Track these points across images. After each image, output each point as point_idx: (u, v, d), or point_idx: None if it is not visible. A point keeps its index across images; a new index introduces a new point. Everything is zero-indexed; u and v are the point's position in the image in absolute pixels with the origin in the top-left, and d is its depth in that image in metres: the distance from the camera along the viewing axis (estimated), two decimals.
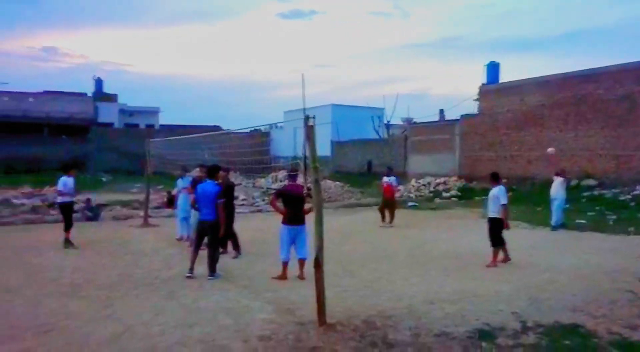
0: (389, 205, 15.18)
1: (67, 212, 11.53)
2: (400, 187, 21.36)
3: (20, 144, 38.37)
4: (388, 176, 15.64)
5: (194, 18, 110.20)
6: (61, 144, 41.25)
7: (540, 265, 9.40)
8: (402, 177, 27.55)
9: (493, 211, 9.54)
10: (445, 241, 12.27)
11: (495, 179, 9.81)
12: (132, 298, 7.22)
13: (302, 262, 8.29)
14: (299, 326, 5.94)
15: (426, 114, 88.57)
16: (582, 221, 15.19)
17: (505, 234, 9.56)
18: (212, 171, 8.80)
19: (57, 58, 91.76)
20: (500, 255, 9.52)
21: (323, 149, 33.03)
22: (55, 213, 17.16)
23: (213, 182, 8.60)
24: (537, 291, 7.53)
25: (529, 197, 19.71)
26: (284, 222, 8.37)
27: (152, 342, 5.43)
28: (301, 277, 8.20)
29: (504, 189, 9.68)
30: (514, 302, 6.95)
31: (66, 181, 11.44)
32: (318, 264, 5.98)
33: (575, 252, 10.72)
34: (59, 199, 11.76)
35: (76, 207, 17.75)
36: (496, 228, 9.44)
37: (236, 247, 10.22)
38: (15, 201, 18.48)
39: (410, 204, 21.30)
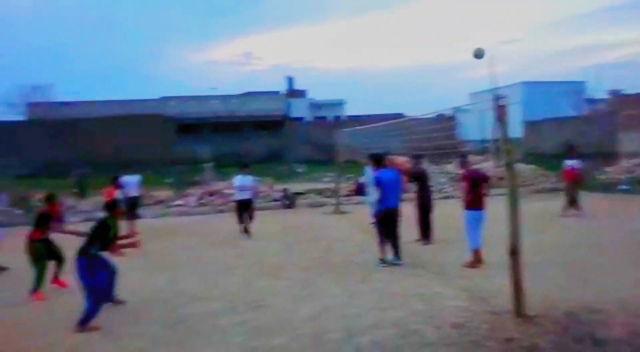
0: (571, 191, 13.11)
1: (241, 208, 12.03)
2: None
3: (227, 141, 43.29)
4: (570, 158, 13.58)
5: (373, 8, 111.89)
6: (261, 138, 45.52)
7: None
8: (610, 158, 24.45)
9: None
10: None
11: None
12: (329, 280, 7.66)
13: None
14: (493, 316, 5.68)
15: (637, 84, 77.01)
16: None
17: None
18: (377, 160, 8.72)
19: (253, 61, 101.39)
20: None
21: (514, 130, 30.93)
22: (258, 202, 19.04)
23: (393, 170, 8.58)
24: None
25: None
26: (474, 207, 8.05)
27: (349, 323, 5.70)
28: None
29: None
30: None
31: (243, 179, 11.97)
32: (514, 251, 5.64)
33: None
34: (239, 196, 12.09)
35: (275, 195, 19.53)
36: None
37: (427, 235, 10.14)
38: (225, 191, 20.88)
39: (622, 187, 18.83)
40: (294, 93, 55.48)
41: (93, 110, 43.53)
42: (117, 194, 10.95)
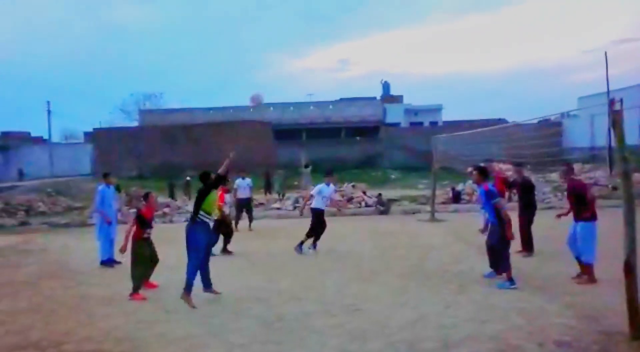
0: None
1: (315, 218, 10.99)
2: None
3: (323, 147, 44.01)
4: None
5: (473, 10, 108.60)
6: (356, 144, 45.81)
7: None
8: None
9: None
10: None
11: None
12: (425, 289, 7.55)
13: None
14: (604, 336, 5.30)
15: None
16: None
17: None
18: (483, 172, 8.02)
19: (349, 67, 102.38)
20: None
21: (631, 137, 28.62)
22: (352, 207, 19.20)
23: (485, 183, 7.84)
24: None
25: None
26: (594, 218, 7.58)
27: (445, 333, 5.58)
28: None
29: None
30: None
31: (322, 188, 11.03)
32: (630, 267, 5.23)
33: None
34: (313, 205, 11.04)
35: (369, 201, 19.56)
36: None
37: (529, 247, 9.68)
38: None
39: None
40: (390, 98, 55.23)
41: (197, 117, 46.25)
42: (227, 197, 11.37)
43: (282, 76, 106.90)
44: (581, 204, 7.64)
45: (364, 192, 20.98)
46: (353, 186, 22.14)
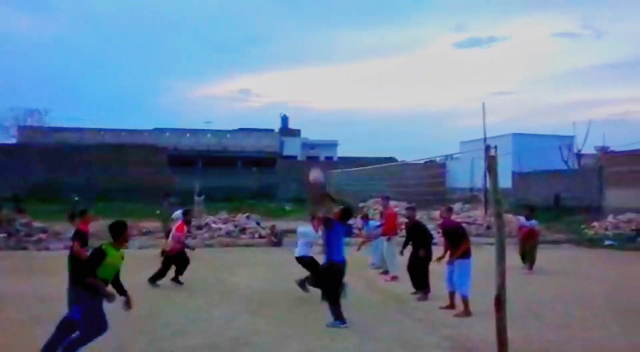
0: (528, 249, 12.94)
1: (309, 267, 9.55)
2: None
3: (219, 175, 43.30)
4: (528, 219, 13.26)
5: (372, 54, 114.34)
6: (252, 175, 45.64)
7: None
8: (597, 213, 24.74)
9: None
10: None
11: None
12: (313, 321, 7.57)
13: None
14: None
15: (626, 142, 78.44)
16: None
17: None
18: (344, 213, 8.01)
19: (250, 98, 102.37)
20: None
21: (504, 181, 31.23)
22: (245, 238, 18.98)
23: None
24: None
25: None
26: (469, 255, 8.17)
27: None
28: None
29: None
30: None
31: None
32: (499, 302, 5.64)
33: None
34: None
35: (263, 232, 19.45)
36: None
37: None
38: (213, 225, 20.76)
39: (607, 242, 18.97)
40: (288, 131, 55.97)
41: (87, 138, 43.67)
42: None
43: (181, 102, 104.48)
44: (455, 242, 8.19)
45: (258, 223, 20.83)
46: (247, 217, 21.92)
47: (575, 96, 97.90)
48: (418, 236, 9.63)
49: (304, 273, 9.44)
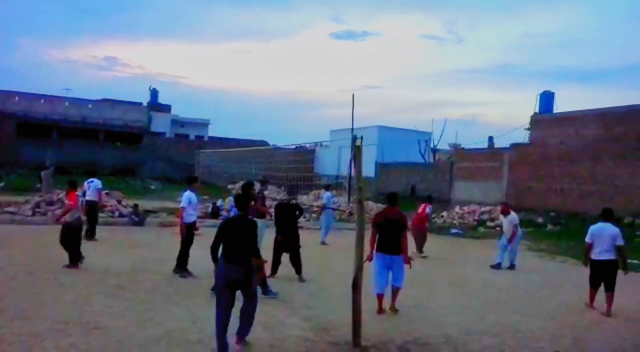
0: (419, 234, 14.01)
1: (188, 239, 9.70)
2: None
3: (78, 148, 40.07)
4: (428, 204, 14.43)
5: (249, 36, 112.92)
6: (115, 149, 42.88)
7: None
8: (446, 204, 27.10)
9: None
10: (488, 272, 11.97)
11: (607, 216, 8.58)
12: (173, 304, 7.38)
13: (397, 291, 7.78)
14: (333, 346, 5.92)
15: (474, 141, 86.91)
16: (635, 261, 14.52)
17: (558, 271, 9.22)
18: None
19: (117, 68, 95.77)
20: None
21: (368, 170, 32.93)
22: (104, 217, 17.84)
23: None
24: (584, 331, 7.25)
25: (578, 233, 19.04)
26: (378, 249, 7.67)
27: (190, 349, 5.54)
28: (393, 308, 7.69)
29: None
30: (557, 340, 6.71)
31: (190, 197, 9.61)
32: (356, 285, 5.97)
33: (627, 294, 10.24)
34: (188, 219, 9.66)
35: (124, 212, 18.45)
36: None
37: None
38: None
39: (453, 231, 20.92)
40: (157, 107, 53.27)
41: None
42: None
43: (35, 64, 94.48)
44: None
45: (119, 201, 19.67)
46: (107, 194, 20.58)
47: (435, 96, 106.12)
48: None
49: (168, 255, 9.14)
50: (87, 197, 13.35)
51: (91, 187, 13.92)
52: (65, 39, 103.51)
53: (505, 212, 13.11)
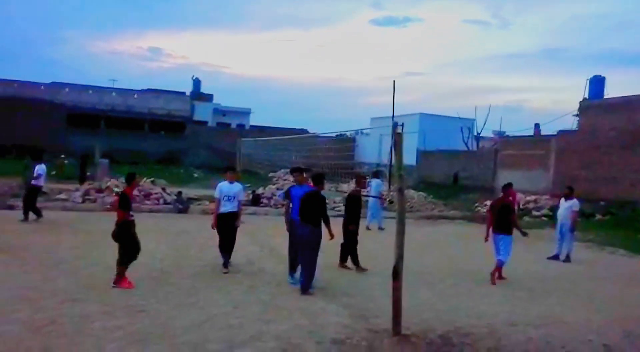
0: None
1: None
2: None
3: (123, 137, 41.24)
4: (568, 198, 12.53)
5: (291, 24, 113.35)
6: (160, 139, 43.92)
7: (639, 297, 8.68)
8: (490, 193, 26.53)
9: None
10: (533, 262, 11.66)
11: None
12: (215, 289, 7.52)
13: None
14: (372, 334, 5.90)
15: (520, 128, 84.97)
16: None
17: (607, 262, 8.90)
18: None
19: (161, 58, 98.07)
20: None
21: (409, 158, 32.53)
22: (149, 204, 18.32)
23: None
24: (634, 325, 6.97)
25: (629, 223, 18.29)
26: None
27: (231, 333, 5.64)
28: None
29: None
30: (606, 333, 6.48)
31: (221, 187, 9.80)
32: (397, 273, 5.91)
33: None
34: (221, 209, 9.56)
35: (168, 199, 18.90)
36: None
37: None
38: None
39: None
40: (200, 96, 54.19)
41: None
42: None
43: (83, 56, 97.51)
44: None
45: (164, 189, 20.16)
46: (152, 182, 21.14)
47: (479, 82, 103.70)
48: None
49: (211, 242, 9.30)
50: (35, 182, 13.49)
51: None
52: (111, 30, 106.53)
53: (568, 196, 12.28)
